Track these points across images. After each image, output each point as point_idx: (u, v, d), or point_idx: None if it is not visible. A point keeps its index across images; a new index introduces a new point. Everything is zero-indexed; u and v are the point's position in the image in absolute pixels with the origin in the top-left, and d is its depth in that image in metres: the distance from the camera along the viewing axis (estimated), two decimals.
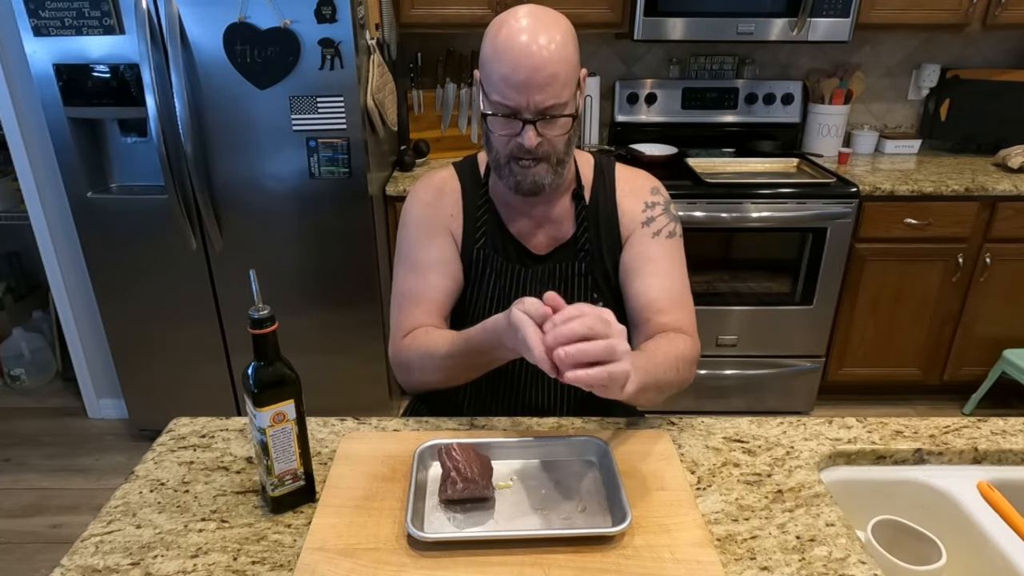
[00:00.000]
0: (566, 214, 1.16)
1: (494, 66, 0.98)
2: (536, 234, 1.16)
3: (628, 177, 1.20)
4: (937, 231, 2.35)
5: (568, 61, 0.98)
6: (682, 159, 2.56)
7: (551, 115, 1.00)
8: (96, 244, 2.15)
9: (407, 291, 1.14)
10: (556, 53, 0.96)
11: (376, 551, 0.80)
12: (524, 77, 0.96)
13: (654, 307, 1.10)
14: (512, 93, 0.97)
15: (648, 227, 1.15)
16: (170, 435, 1.04)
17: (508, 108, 0.99)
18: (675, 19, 2.32)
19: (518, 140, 1.01)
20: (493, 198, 1.17)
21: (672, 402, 2.52)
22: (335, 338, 2.28)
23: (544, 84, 0.96)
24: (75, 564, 0.80)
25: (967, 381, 2.59)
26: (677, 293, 1.13)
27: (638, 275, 1.13)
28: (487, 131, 1.05)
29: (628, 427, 1.05)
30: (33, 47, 1.91)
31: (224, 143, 2.02)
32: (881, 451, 1.01)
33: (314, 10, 1.87)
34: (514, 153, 1.03)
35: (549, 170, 1.05)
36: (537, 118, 0.99)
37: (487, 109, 1.03)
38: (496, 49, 0.98)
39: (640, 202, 1.17)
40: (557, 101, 0.98)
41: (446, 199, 1.17)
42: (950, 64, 2.75)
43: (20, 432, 2.58)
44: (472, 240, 1.16)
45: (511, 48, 0.96)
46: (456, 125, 2.64)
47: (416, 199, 1.18)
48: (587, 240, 1.15)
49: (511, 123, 1.01)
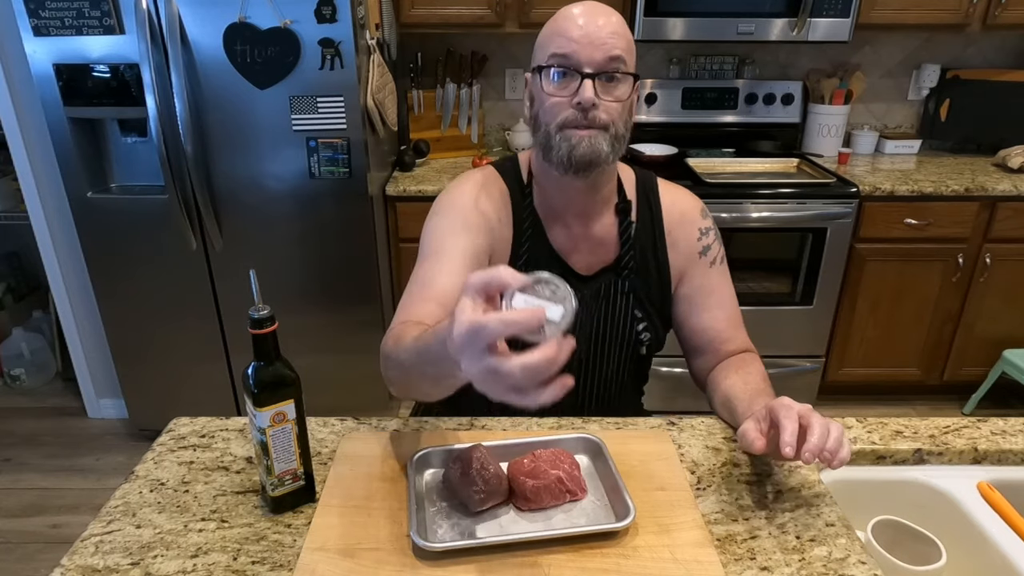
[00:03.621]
0: (609, 233, 1.10)
1: (555, 26, 0.96)
2: (580, 249, 1.10)
3: (674, 198, 1.16)
4: (937, 231, 2.35)
5: (630, 39, 0.97)
6: (682, 159, 2.56)
7: (613, 70, 0.94)
8: (96, 244, 2.15)
9: (421, 277, 1.00)
10: (619, 24, 0.96)
11: (376, 551, 0.80)
12: (588, 30, 0.93)
13: (722, 337, 1.14)
14: (573, 45, 0.93)
15: (705, 257, 1.15)
16: (170, 435, 1.04)
17: (567, 60, 0.93)
18: (675, 19, 2.32)
19: (576, 99, 0.93)
20: (537, 208, 1.09)
21: (672, 402, 2.53)
22: (335, 338, 2.28)
23: (607, 38, 0.93)
24: (75, 564, 0.80)
25: (967, 381, 2.59)
26: (737, 316, 1.17)
27: (704, 308, 1.14)
28: (539, 100, 0.98)
29: (628, 427, 1.05)
30: (33, 47, 1.91)
31: (224, 143, 2.02)
32: (881, 451, 1.01)
33: (314, 10, 1.87)
34: (568, 119, 0.95)
35: (607, 139, 0.96)
36: (597, 73, 0.93)
37: (543, 63, 0.96)
38: (558, 17, 0.97)
39: (693, 229, 1.15)
40: (620, 56, 0.94)
41: (494, 198, 1.07)
42: (950, 64, 2.75)
43: (20, 432, 2.58)
44: (516, 255, 1.07)
45: (573, 15, 0.95)
46: (456, 125, 2.64)
47: (459, 193, 1.07)
48: (631, 259, 1.11)
49: (568, 81, 0.94)
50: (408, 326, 0.89)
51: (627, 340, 1.14)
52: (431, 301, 0.95)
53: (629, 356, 1.16)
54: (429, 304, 0.94)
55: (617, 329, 1.13)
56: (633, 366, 1.19)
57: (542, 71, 0.96)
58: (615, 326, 1.12)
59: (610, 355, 1.15)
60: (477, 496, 0.85)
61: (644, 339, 1.14)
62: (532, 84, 1.01)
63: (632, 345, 1.14)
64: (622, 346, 1.14)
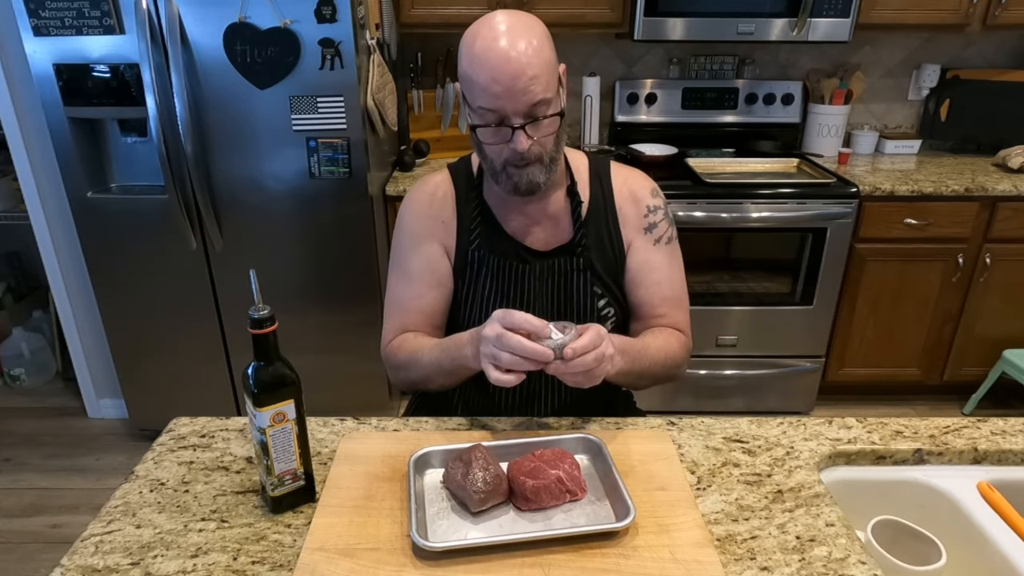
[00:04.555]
0: (562, 211, 1.18)
1: (475, 77, 1.00)
2: (533, 231, 1.18)
3: (625, 178, 1.22)
4: (937, 231, 2.35)
5: (547, 62, 1.01)
6: (682, 159, 2.56)
7: (538, 116, 1.02)
8: (96, 244, 2.15)
9: (396, 298, 1.20)
10: (534, 56, 0.98)
11: (376, 551, 0.80)
12: (507, 84, 0.98)
13: (656, 311, 1.19)
14: (497, 101, 0.99)
15: (650, 234, 1.19)
16: (170, 435, 1.04)
17: (495, 116, 1.01)
18: (675, 19, 2.32)
19: (511, 146, 1.03)
20: (487, 199, 1.19)
21: (672, 402, 2.53)
22: (335, 338, 2.28)
23: (527, 87, 0.98)
24: (75, 564, 0.80)
25: (967, 381, 2.59)
26: (676, 297, 1.21)
27: (643, 283, 1.19)
28: (477, 142, 1.08)
29: (628, 427, 1.05)
30: (33, 47, 1.91)
31: (224, 143, 2.02)
32: (881, 451, 1.01)
33: (314, 10, 1.87)
34: (508, 159, 1.05)
35: (543, 169, 1.07)
36: (526, 121, 1.01)
37: (475, 120, 1.05)
38: (474, 60, 1.00)
39: (641, 206, 1.20)
40: (542, 100, 1.00)
41: (439, 204, 1.19)
42: (950, 64, 2.75)
43: (20, 432, 2.58)
44: (467, 242, 1.17)
45: (489, 58, 0.98)
46: (456, 125, 2.64)
47: (410, 206, 1.21)
48: (584, 236, 1.17)
49: (501, 131, 1.03)
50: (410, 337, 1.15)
51: (591, 317, 1.18)
52: (411, 312, 1.18)
53: None
54: (411, 314, 1.17)
55: (579, 306, 1.17)
56: None
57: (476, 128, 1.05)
58: (577, 303, 1.17)
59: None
60: (477, 496, 0.85)
61: (607, 314, 1.19)
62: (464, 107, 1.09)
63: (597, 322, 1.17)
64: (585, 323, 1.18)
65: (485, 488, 0.85)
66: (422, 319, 1.18)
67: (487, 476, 0.86)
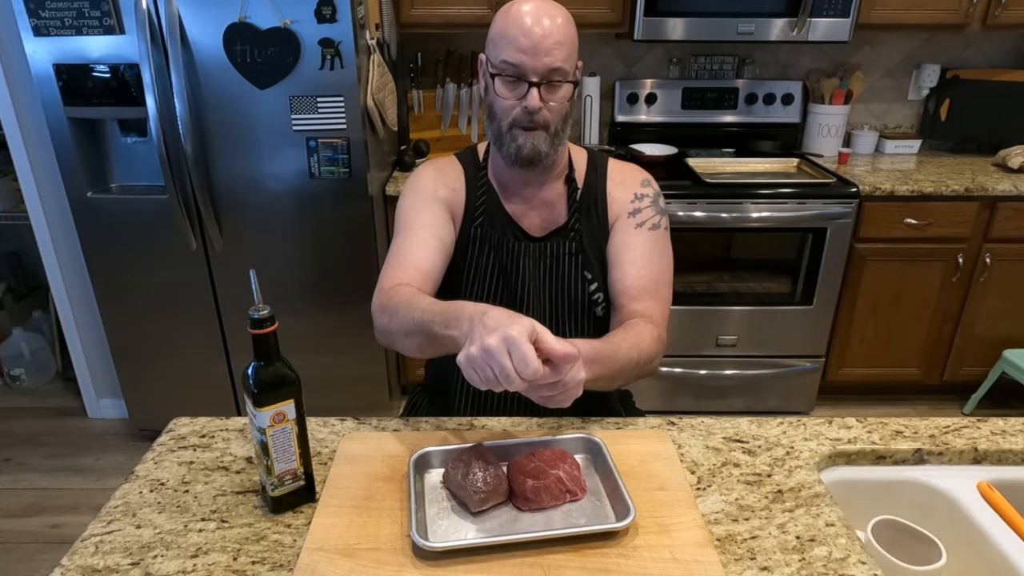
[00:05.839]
0: (559, 198, 1.22)
1: (506, 31, 1.07)
2: (530, 215, 1.22)
3: (620, 168, 1.26)
4: (937, 231, 2.35)
5: (571, 38, 1.09)
6: (682, 159, 2.56)
7: (555, 80, 1.07)
8: (96, 244, 2.15)
9: (397, 248, 1.18)
10: (563, 28, 1.07)
11: (376, 551, 0.80)
12: (535, 41, 1.05)
13: (628, 294, 1.17)
14: (520, 55, 1.05)
15: (633, 217, 1.21)
16: (170, 435, 1.04)
17: (516, 69, 1.06)
18: (675, 19, 2.32)
19: (523, 103, 1.08)
20: (491, 179, 1.23)
21: (672, 402, 2.53)
22: (335, 338, 2.28)
23: (551, 48, 1.05)
24: (75, 564, 0.80)
25: (967, 381, 2.59)
26: (652, 284, 1.17)
27: (617, 263, 1.19)
28: (491, 100, 1.12)
29: (628, 427, 1.05)
30: (33, 47, 1.91)
31: (224, 143, 2.02)
32: (881, 451, 1.01)
33: (314, 10, 1.87)
34: (516, 119, 1.10)
35: (547, 139, 1.12)
36: (542, 81, 1.07)
37: (495, 63, 1.09)
38: (507, 21, 1.07)
39: (630, 192, 1.23)
40: (561, 68, 1.07)
41: (450, 175, 1.23)
42: (950, 64, 2.75)
43: (20, 432, 2.58)
44: (471, 218, 1.21)
45: (521, 20, 1.06)
46: (456, 125, 2.64)
47: (418, 175, 1.25)
48: (577, 221, 1.20)
49: (517, 86, 1.08)
50: (403, 288, 1.08)
51: (581, 301, 1.21)
52: (409, 267, 1.13)
53: (586, 320, 1.23)
54: (408, 269, 1.13)
55: (570, 290, 1.20)
56: (593, 332, 1.21)
57: (495, 77, 1.10)
58: (568, 287, 1.20)
59: (568, 317, 1.22)
60: (477, 496, 0.85)
61: (597, 299, 1.21)
62: (485, 75, 1.13)
63: (587, 306, 1.22)
64: (578, 308, 1.22)
65: (485, 488, 0.85)
66: (422, 274, 1.13)
67: (487, 476, 0.86)
